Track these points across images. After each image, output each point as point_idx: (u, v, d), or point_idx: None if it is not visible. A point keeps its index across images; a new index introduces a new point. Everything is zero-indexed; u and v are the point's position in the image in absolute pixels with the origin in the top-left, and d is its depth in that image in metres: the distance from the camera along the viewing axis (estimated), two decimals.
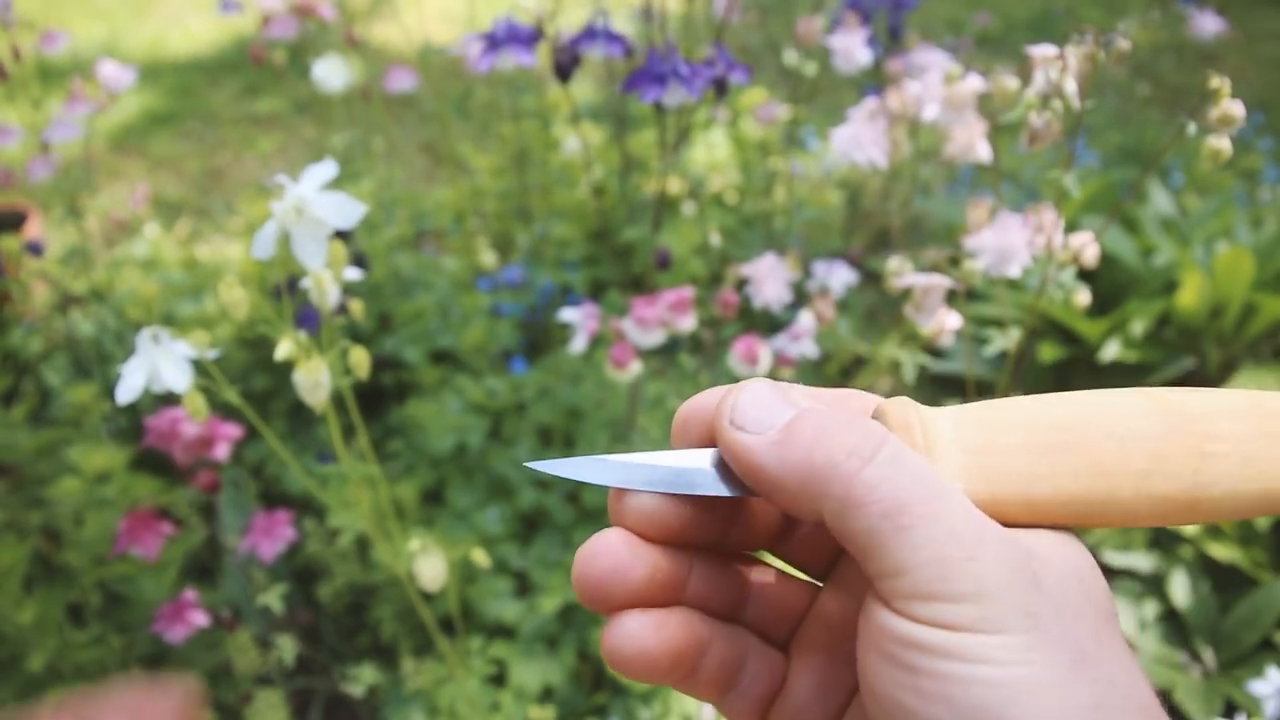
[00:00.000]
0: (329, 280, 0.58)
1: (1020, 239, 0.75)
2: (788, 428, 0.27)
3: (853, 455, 0.26)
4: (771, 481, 0.27)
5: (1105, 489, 0.27)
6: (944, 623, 0.24)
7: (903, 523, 0.25)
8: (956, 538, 0.25)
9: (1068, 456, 0.27)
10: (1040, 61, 0.62)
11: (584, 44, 1.05)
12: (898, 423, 0.28)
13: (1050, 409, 0.28)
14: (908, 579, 0.24)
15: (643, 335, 0.98)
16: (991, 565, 0.24)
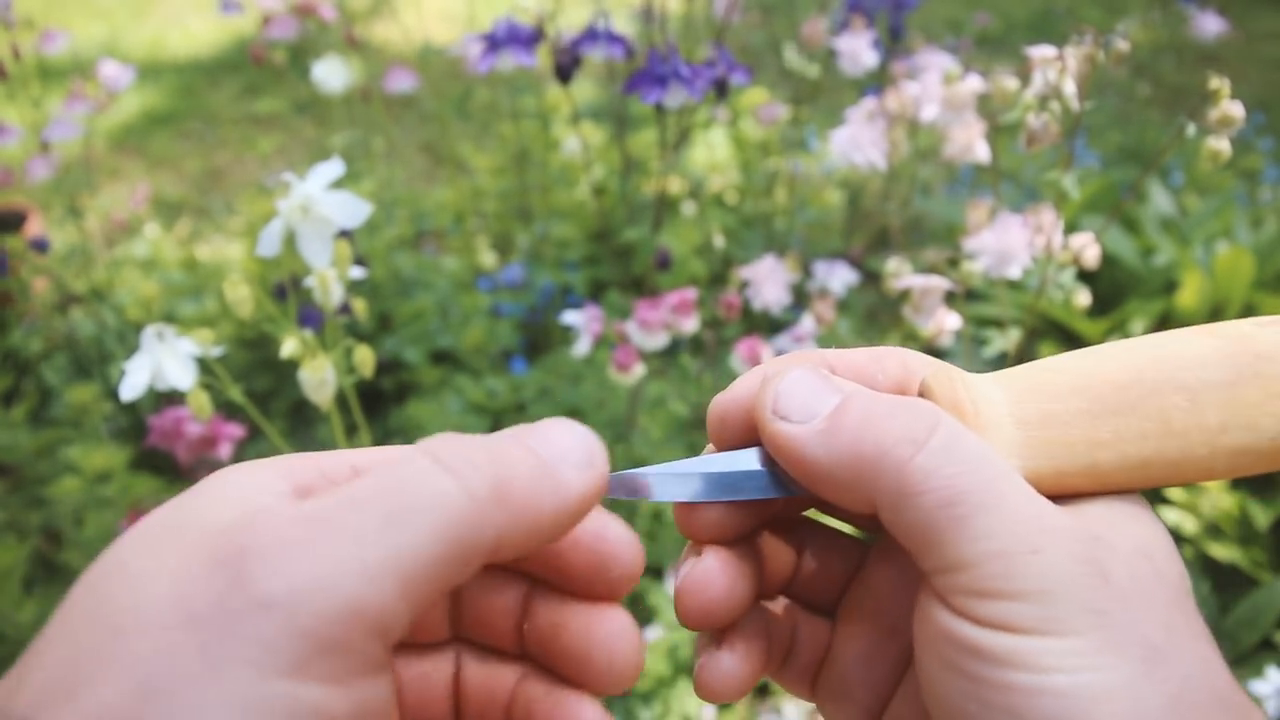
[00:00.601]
0: (333, 279, 0.59)
1: (1020, 240, 0.75)
2: (834, 415, 0.25)
3: (904, 442, 0.24)
4: (820, 474, 0.25)
5: (1178, 449, 0.25)
6: (1007, 624, 0.22)
7: (960, 513, 0.23)
8: (1018, 529, 0.23)
9: (1132, 418, 0.25)
10: (1039, 63, 0.62)
11: (585, 45, 1.05)
12: (946, 401, 0.26)
13: (1107, 364, 0.26)
14: (967, 575, 0.23)
15: (646, 338, 0.99)
16: (1056, 558, 0.23)
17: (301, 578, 0.19)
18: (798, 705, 1.16)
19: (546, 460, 0.23)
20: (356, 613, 0.19)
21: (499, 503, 0.21)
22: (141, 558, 0.21)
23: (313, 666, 0.19)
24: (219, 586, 0.19)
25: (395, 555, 0.20)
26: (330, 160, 0.57)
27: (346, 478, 0.24)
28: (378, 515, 0.20)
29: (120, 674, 0.19)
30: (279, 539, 0.20)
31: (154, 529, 0.21)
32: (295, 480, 0.23)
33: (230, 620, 0.19)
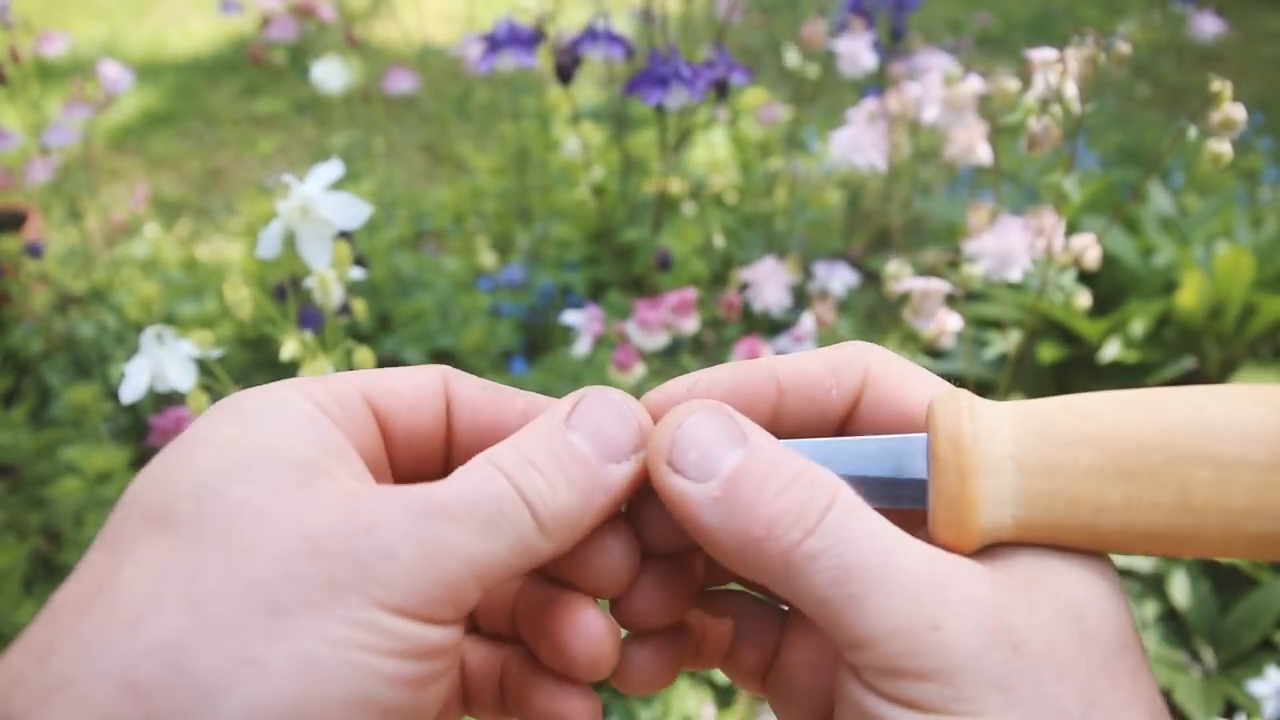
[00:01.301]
0: (333, 280, 0.59)
1: (1020, 243, 0.75)
2: (729, 481, 0.25)
3: (794, 526, 0.24)
4: (710, 541, 0.25)
5: (1190, 527, 0.23)
6: (914, 702, 0.22)
7: (853, 590, 0.23)
8: (917, 604, 0.22)
9: (1148, 486, 0.23)
10: (1040, 65, 0.62)
11: (585, 45, 1.05)
12: (945, 435, 0.25)
13: (1135, 417, 0.23)
14: (869, 653, 0.23)
15: (646, 338, 0.99)
16: (959, 634, 0.22)
17: (427, 547, 0.23)
18: None
19: (594, 461, 0.26)
20: (454, 588, 0.23)
21: (560, 529, 0.25)
22: (242, 484, 0.23)
23: (417, 610, 0.22)
24: (351, 532, 0.22)
25: (486, 556, 0.24)
26: (330, 161, 0.57)
27: (352, 396, 0.27)
28: (479, 521, 0.24)
29: (248, 592, 0.21)
30: (407, 510, 0.23)
31: (229, 455, 0.24)
32: (314, 400, 0.26)
33: (358, 560, 0.22)
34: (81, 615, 0.21)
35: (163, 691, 0.20)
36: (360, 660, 0.21)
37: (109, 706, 0.19)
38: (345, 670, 0.21)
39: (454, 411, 0.29)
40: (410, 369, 0.30)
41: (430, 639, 0.23)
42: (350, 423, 0.27)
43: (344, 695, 0.21)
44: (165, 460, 0.24)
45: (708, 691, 1.16)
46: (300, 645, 0.21)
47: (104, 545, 0.23)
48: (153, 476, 0.24)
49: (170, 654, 0.20)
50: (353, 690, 0.21)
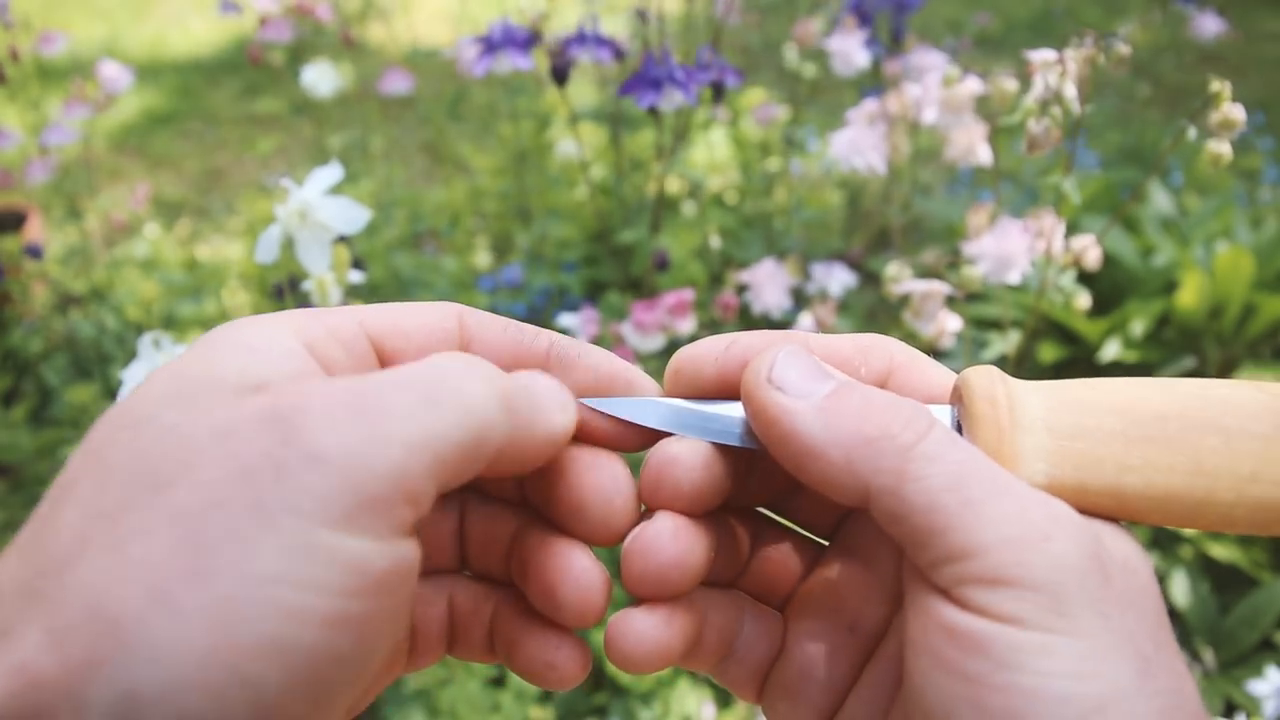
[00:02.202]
0: (331, 283, 0.59)
1: (1020, 245, 0.75)
2: (834, 395, 0.25)
3: (908, 429, 0.24)
4: (813, 450, 0.24)
5: (1204, 488, 0.25)
6: (1015, 616, 0.22)
7: (969, 495, 0.22)
8: (1030, 514, 0.22)
9: (1166, 449, 0.25)
10: (1039, 67, 0.62)
11: (574, 48, 1.05)
12: (982, 395, 0.26)
13: (1152, 395, 0.26)
14: (977, 562, 0.22)
15: (642, 340, 0.99)
16: (1069, 548, 0.22)
17: (355, 439, 0.20)
18: None
19: (537, 398, 0.25)
20: (400, 477, 0.21)
21: (509, 413, 0.23)
22: (174, 410, 0.21)
23: (358, 520, 0.20)
24: (270, 441, 0.20)
25: (432, 434, 0.21)
26: (328, 165, 0.57)
27: (354, 334, 0.26)
28: (418, 397, 0.21)
29: (169, 526, 0.19)
30: (330, 403, 0.21)
31: (178, 383, 0.22)
32: (305, 336, 0.24)
33: (282, 473, 0.20)
34: (22, 561, 0.20)
35: (78, 636, 0.19)
36: (289, 600, 0.19)
37: (35, 652, 0.19)
38: (268, 612, 0.19)
39: (471, 352, 0.27)
40: (422, 305, 0.28)
41: (375, 561, 0.20)
42: (349, 361, 0.25)
43: (265, 641, 0.19)
44: (125, 396, 0.23)
45: (708, 691, 1.16)
46: (219, 585, 0.19)
47: (55, 486, 0.22)
48: (107, 413, 0.23)
49: (89, 596, 0.19)
50: (276, 635, 0.19)
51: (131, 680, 0.18)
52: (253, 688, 0.19)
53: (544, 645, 0.28)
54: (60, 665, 0.19)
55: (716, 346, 0.28)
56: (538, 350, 0.28)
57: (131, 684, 0.18)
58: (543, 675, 0.28)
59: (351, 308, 0.27)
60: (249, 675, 0.19)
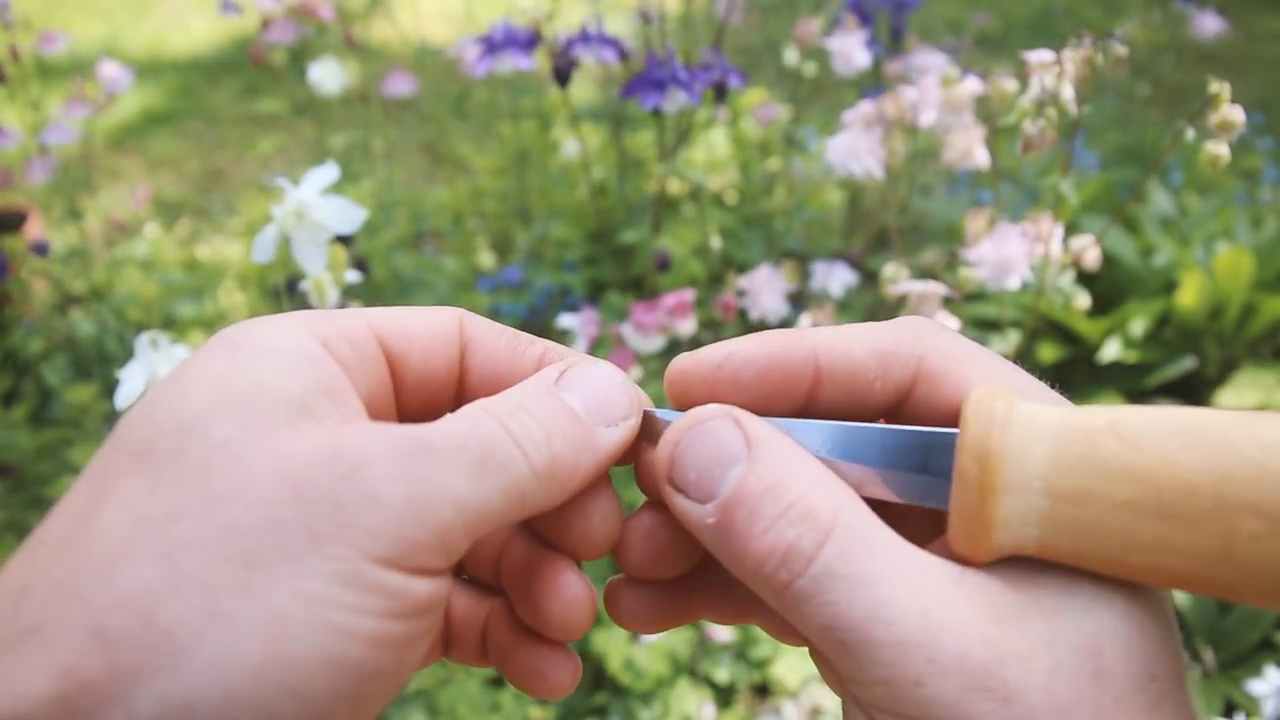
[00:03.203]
0: (329, 283, 0.59)
1: (1019, 250, 0.75)
2: (724, 508, 0.24)
3: (782, 567, 0.23)
4: (719, 555, 0.25)
5: (1227, 580, 0.21)
6: None
7: (842, 639, 0.23)
8: (902, 661, 0.22)
9: (1188, 531, 0.21)
10: (1036, 68, 0.62)
11: (578, 48, 1.05)
12: (971, 446, 0.23)
13: (1189, 458, 0.21)
14: (861, 690, 0.23)
15: (642, 340, 0.98)
16: (941, 689, 0.22)
17: (411, 492, 0.22)
18: (797, 705, 1.16)
19: (587, 420, 0.26)
20: (444, 532, 0.22)
21: (550, 479, 0.25)
22: (225, 424, 0.22)
23: (403, 561, 0.21)
24: (331, 477, 0.21)
25: (477, 499, 0.23)
26: (325, 165, 0.57)
27: (363, 336, 0.26)
28: (471, 462, 0.23)
29: (222, 540, 0.20)
30: (391, 452, 0.22)
31: (221, 392, 0.23)
32: (320, 337, 0.25)
33: (339, 508, 0.21)
34: (58, 557, 0.21)
35: (130, 643, 0.19)
36: (337, 620, 0.20)
37: (77, 655, 0.19)
38: (319, 630, 0.20)
39: (469, 356, 0.28)
40: (427, 309, 0.28)
41: (416, 593, 0.22)
42: (358, 362, 0.26)
43: (316, 656, 0.20)
44: (156, 394, 0.23)
45: (708, 691, 1.16)
46: (273, 601, 0.20)
47: (87, 481, 0.22)
48: (142, 411, 0.23)
49: (140, 604, 0.19)
50: (326, 651, 0.20)
51: (185, 691, 0.19)
52: (302, 700, 0.20)
53: (534, 656, 0.28)
54: (109, 671, 0.19)
55: (710, 361, 0.27)
56: (531, 357, 0.29)
57: (185, 694, 0.19)
58: (533, 684, 0.29)
59: (360, 310, 0.27)
60: (299, 688, 0.20)
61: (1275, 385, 1.44)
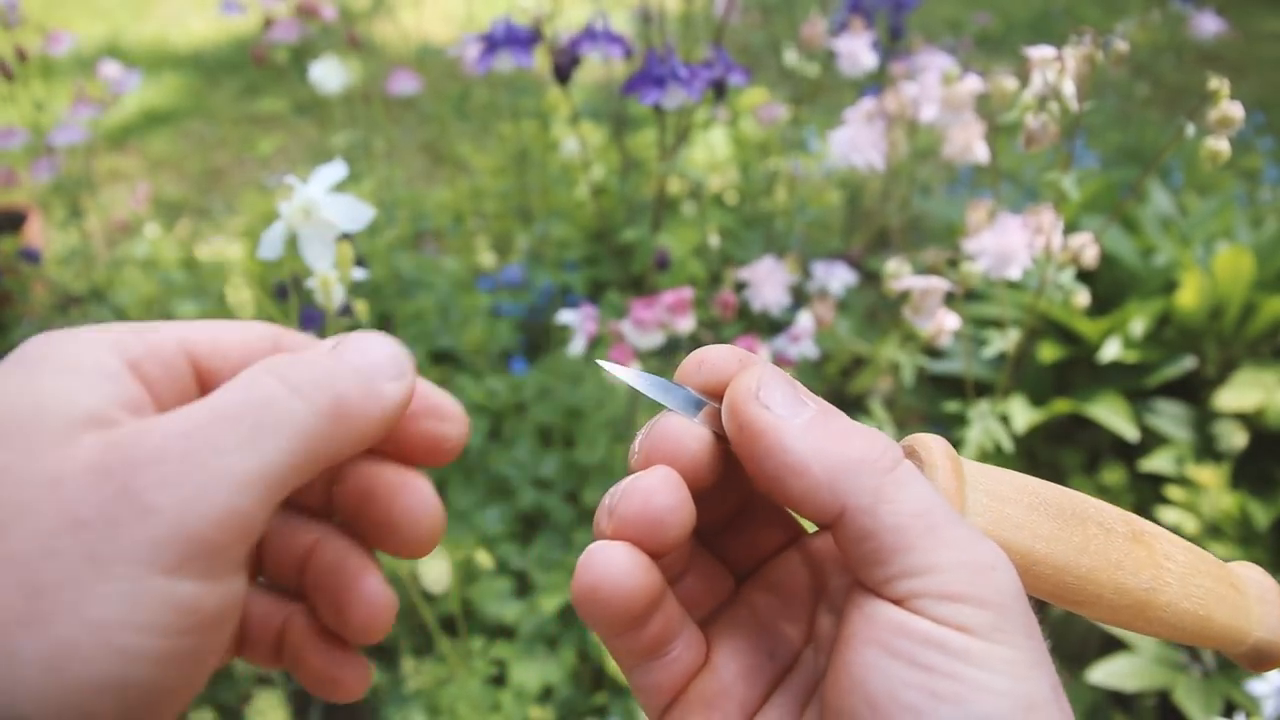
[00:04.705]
0: (335, 281, 0.59)
1: (1019, 241, 0.75)
2: (818, 416, 0.27)
3: (885, 454, 0.27)
4: (796, 466, 0.26)
5: (1087, 566, 0.30)
6: (965, 625, 0.24)
7: (934, 521, 0.25)
8: (979, 546, 0.26)
9: (1064, 528, 0.31)
10: (1038, 64, 0.62)
11: (583, 45, 1.05)
12: (942, 451, 0.30)
13: (1051, 490, 0.32)
14: (935, 578, 0.25)
15: (641, 337, 0.99)
16: (1009, 578, 0.26)
17: (186, 489, 0.21)
18: None
19: (368, 375, 0.26)
20: (231, 519, 0.21)
21: (338, 419, 0.24)
22: (5, 449, 0.21)
23: (190, 565, 0.21)
24: (105, 494, 0.21)
25: (261, 468, 0.22)
26: (332, 163, 0.57)
27: (173, 353, 0.26)
28: (244, 432, 0.22)
29: (3, 572, 0.20)
30: (160, 453, 0.21)
31: (4, 414, 0.22)
32: (127, 354, 0.25)
33: (116, 525, 0.20)
34: None
35: None
36: (124, 643, 0.20)
37: None
38: (105, 655, 0.20)
39: None
40: (244, 325, 0.28)
41: (207, 603, 0.21)
42: (166, 379, 0.25)
43: (102, 681, 0.20)
44: None
45: None
46: (56, 631, 0.20)
47: None
48: None
49: None
50: (113, 675, 0.20)
51: None
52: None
53: (330, 661, 0.29)
54: None
55: (688, 370, 0.30)
56: None
57: None
58: (327, 689, 0.29)
59: (172, 325, 0.27)
60: (86, 712, 0.20)
61: (1275, 385, 1.45)
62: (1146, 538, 0.32)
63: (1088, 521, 0.31)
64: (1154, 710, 1.18)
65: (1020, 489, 0.31)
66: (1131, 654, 1.18)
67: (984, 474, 0.31)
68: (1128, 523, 0.32)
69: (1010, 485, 0.31)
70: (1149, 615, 0.31)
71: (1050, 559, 0.30)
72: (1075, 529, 0.31)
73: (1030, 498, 0.31)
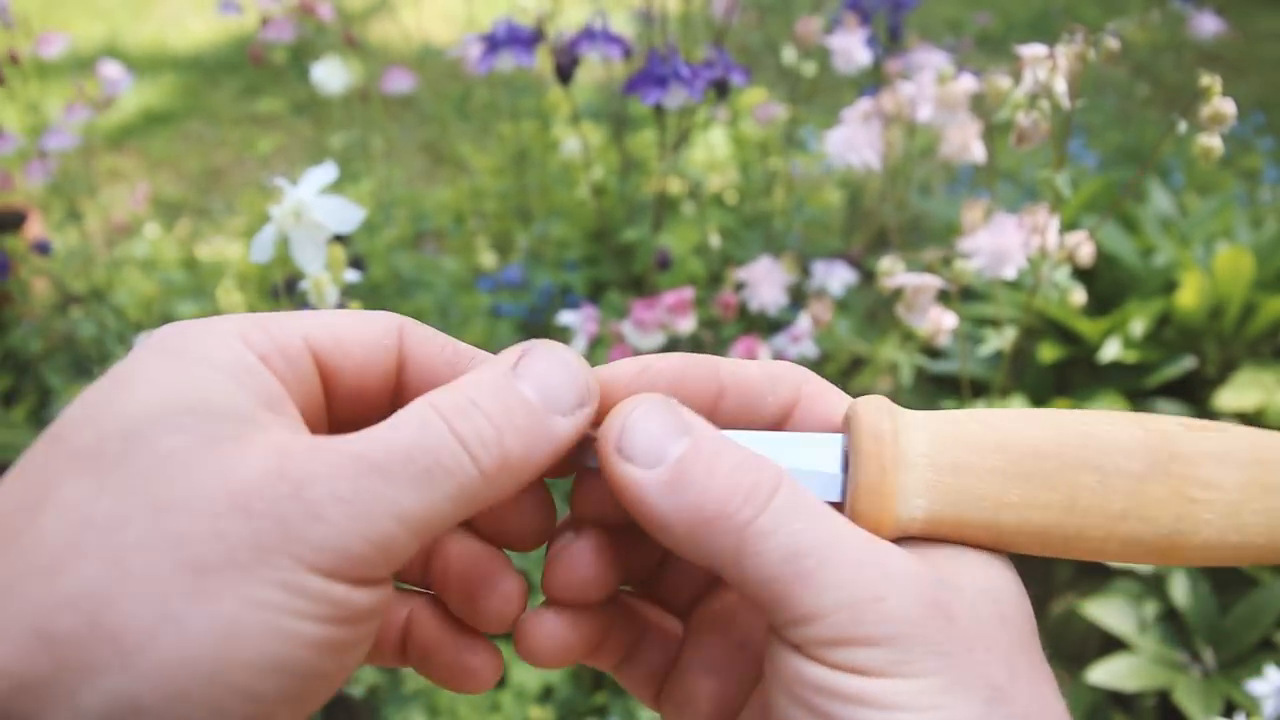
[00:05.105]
0: (328, 283, 0.59)
1: (1015, 240, 0.75)
2: (678, 465, 0.25)
3: (746, 504, 0.25)
4: (658, 524, 0.25)
5: (1076, 526, 0.26)
6: (859, 667, 0.23)
7: (805, 566, 0.24)
8: (862, 577, 0.24)
9: (1042, 488, 0.26)
10: (1029, 61, 0.62)
11: (583, 45, 1.05)
12: (868, 430, 0.27)
13: (1033, 431, 0.27)
14: (818, 625, 0.24)
15: (641, 337, 0.99)
16: (901, 603, 0.24)
17: (356, 508, 0.22)
18: None
19: (540, 410, 0.26)
20: (389, 544, 0.23)
21: (502, 473, 0.25)
22: (170, 435, 0.22)
23: (346, 573, 0.22)
24: (279, 493, 0.22)
25: (425, 509, 0.23)
26: (323, 165, 0.57)
27: (298, 350, 0.26)
28: (414, 474, 0.23)
29: (171, 547, 0.21)
30: (336, 469, 0.22)
31: (163, 400, 0.23)
32: (256, 349, 0.25)
33: (285, 524, 0.21)
34: (0, 556, 0.21)
35: (78, 643, 0.19)
36: (284, 624, 0.21)
37: (23, 655, 0.19)
38: (267, 634, 0.21)
39: (406, 370, 0.28)
40: (365, 317, 0.28)
41: (359, 602, 0.22)
42: (292, 375, 0.26)
43: (264, 659, 0.21)
44: (97, 395, 0.23)
45: None
46: (222, 606, 0.20)
47: (25, 479, 0.22)
48: (83, 411, 0.23)
49: (89, 605, 0.20)
50: (274, 654, 0.21)
51: (134, 689, 0.19)
52: (251, 699, 0.21)
53: (460, 650, 0.29)
54: (54, 669, 0.19)
55: (629, 371, 0.29)
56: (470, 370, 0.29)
57: (134, 693, 0.19)
58: (461, 680, 0.29)
59: (295, 317, 0.27)
60: (248, 688, 0.21)
61: (1275, 385, 1.44)
62: (1176, 467, 0.26)
63: (1080, 468, 0.26)
64: (1154, 710, 1.18)
65: (984, 446, 0.26)
66: (1131, 654, 1.17)
67: (937, 435, 0.27)
68: (1150, 452, 0.26)
69: (972, 444, 0.27)
70: (1181, 556, 0.27)
71: (1023, 527, 0.26)
72: (1058, 484, 0.26)
73: (997, 456, 0.26)
